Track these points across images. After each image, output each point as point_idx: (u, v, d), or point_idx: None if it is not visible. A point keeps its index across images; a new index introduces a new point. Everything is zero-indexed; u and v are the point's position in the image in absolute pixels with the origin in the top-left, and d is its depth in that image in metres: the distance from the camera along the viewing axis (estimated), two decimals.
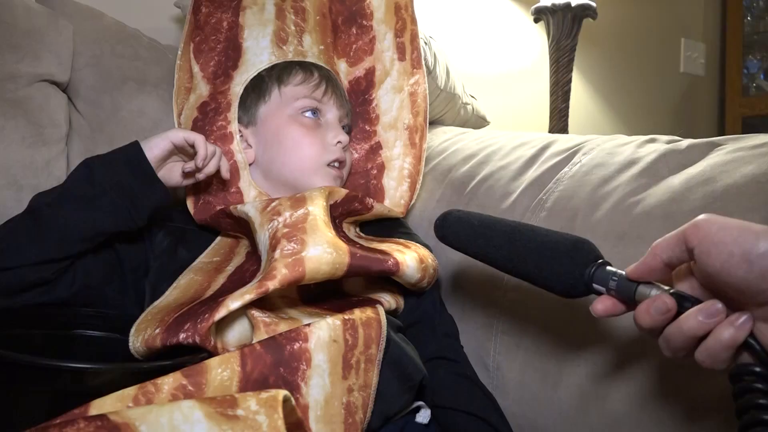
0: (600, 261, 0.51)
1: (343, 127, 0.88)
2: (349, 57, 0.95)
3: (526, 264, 0.55)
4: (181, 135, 0.75)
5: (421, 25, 0.98)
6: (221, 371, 0.52)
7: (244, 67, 0.86)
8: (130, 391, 0.48)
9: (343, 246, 0.66)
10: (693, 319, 0.43)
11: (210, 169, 0.76)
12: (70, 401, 0.49)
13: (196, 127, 0.85)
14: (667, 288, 0.46)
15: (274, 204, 0.71)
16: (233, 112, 0.84)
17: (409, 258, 0.71)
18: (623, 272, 0.49)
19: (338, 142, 0.84)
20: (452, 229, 0.63)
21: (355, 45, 0.95)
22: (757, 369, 0.42)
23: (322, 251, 0.64)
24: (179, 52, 0.91)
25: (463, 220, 0.62)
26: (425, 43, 1.06)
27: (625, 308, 0.50)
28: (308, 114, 0.84)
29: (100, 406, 0.46)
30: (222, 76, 0.87)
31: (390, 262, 0.69)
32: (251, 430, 0.37)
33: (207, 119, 0.85)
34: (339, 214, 0.78)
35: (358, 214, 0.82)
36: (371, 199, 0.82)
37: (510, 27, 1.70)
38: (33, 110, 0.87)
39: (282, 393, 0.40)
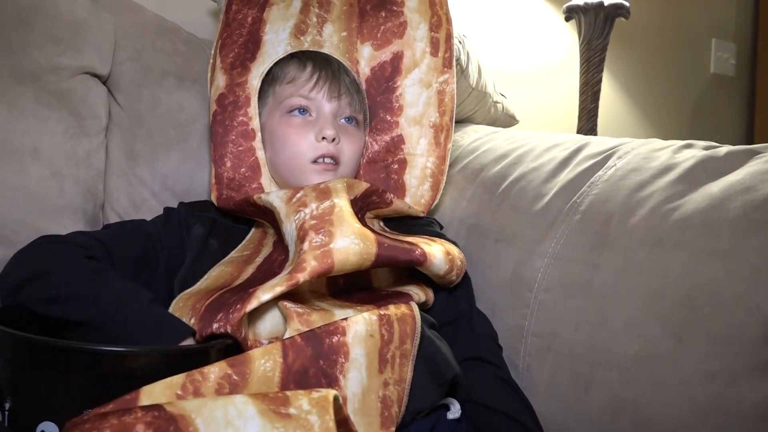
0: None
1: (349, 120, 0.86)
2: (375, 39, 0.92)
3: None
4: None
5: (453, 23, 0.96)
6: (264, 362, 0.54)
7: (261, 59, 0.87)
8: (178, 379, 0.49)
9: (371, 236, 0.68)
10: None
11: None
12: (111, 384, 0.52)
13: (215, 121, 0.85)
14: None
15: (299, 195, 0.73)
16: (253, 107, 0.85)
17: (435, 249, 0.72)
18: None
19: (323, 138, 0.82)
20: None
21: (384, 26, 0.92)
22: None
23: (350, 242, 0.66)
24: (212, 51, 0.91)
25: None
26: (459, 41, 1.06)
27: None
28: (296, 113, 0.84)
29: (149, 392, 0.47)
30: (239, 67, 0.87)
31: (417, 251, 0.70)
32: (303, 430, 0.37)
33: (226, 113, 0.85)
34: (359, 208, 0.78)
35: (376, 207, 0.82)
36: (391, 194, 0.82)
37: (540, 25, 1.69)
38: (75, 102, 0.88)
39: (332, 393, 0.41)
